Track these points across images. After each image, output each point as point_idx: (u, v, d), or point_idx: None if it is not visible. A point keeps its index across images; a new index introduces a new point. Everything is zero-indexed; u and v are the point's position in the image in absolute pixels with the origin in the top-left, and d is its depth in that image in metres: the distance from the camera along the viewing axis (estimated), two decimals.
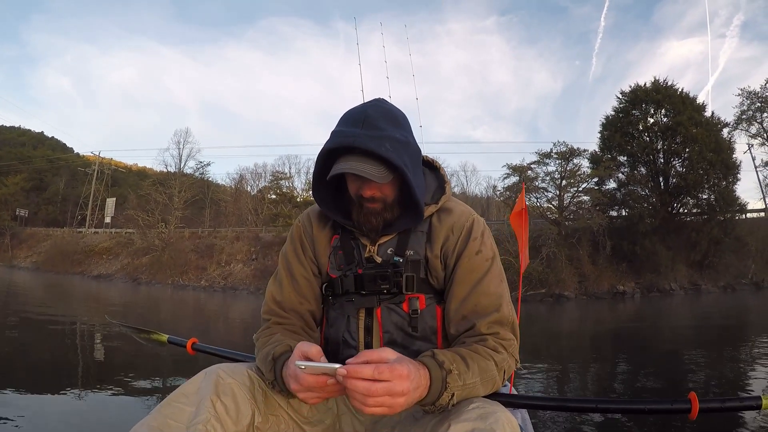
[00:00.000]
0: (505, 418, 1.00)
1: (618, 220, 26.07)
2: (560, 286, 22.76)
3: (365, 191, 1.25)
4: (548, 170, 26.80)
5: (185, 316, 15.75)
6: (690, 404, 1.15)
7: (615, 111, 28.05)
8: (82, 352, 7.63)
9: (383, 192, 1.26)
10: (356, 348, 1.33)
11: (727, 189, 25.73)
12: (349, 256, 1.35)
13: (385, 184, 1.24)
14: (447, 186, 1.41)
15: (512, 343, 1.23)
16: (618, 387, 6.21)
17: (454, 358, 1.09)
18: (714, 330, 11.76)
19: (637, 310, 18.10)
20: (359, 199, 1.28)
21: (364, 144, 1.16)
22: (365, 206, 1.27)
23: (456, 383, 1.05)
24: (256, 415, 1.17)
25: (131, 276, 32.30)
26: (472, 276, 1.27)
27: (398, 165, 1.17)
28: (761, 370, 6.65)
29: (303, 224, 1.47)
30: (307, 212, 1.50)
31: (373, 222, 1.28)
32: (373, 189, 1.25)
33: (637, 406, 1.26)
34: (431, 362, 1.05)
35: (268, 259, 30.01)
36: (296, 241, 1.46)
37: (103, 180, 50.68)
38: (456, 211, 1.36)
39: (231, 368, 1.21)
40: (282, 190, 38.06)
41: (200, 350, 1.88)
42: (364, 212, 1.28)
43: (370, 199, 1.26)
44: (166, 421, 1.07)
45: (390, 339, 1.29)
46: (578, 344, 10.42)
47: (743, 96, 31.32)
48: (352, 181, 1.28)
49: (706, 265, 24.60)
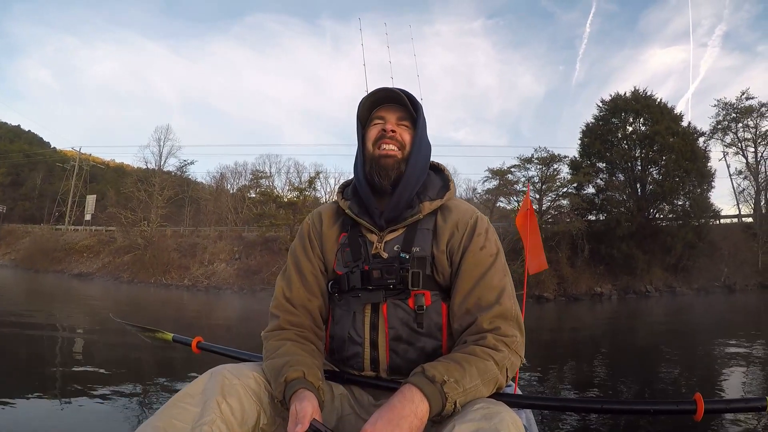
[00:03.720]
0: (510, 418, 1.01)
1: (596, 225, 26.78)
2: (540, 288, 23.22)
3: (388, 125, 1.38)
4: (529, 175, 27.45)
5: (185, 315, 15.58)
6: (695, 405, 1.14)
7: (595, 119, 28.85)
8: (82, 352, 7.62)
9: (402, 137, 1.39)
10: (361, 345, 1.34)
11: (702, 196, 26.74)
12: (356, 253, 1.38)
13: (406, 127, 1.40)
14: (452, 184, 1.46)
15: (515, 339, 1.23)
16: (588, 386, 6.46)
17: (447, 368, 1.10)
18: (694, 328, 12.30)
19: (614, 311, 18.71)
20: (379, 141, 1.39)
21: (397, 91, 1.38)
22: (383, 150, 1.37)
23: (455, 391, 1.06)
24: (261, 417, 1.18)
25: (113, 275, 31.69)
26: (476, 271, 1.30)
27: (419, 106, 1.41)
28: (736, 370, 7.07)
29: (313, 222, 1.51)
30: (318, 210, 1.54)
31: (386, 167, 1.36)
32: (397, 127, 1.40)
33: (642, 407, 1.25)
34: (421, 380, 1.06)
35: (252, 258, 29.90)
36: (305, 238, 1.49)
37: (82, 176, 49.66)
38: (460, 208, 1.41)
39: (237, 369, 1.22)
40: (262, 189, 37.87)
41: (205, 349, 1.86)
42: (381, 157, 1.37)
43: (390, 138, 1.37)
44: (171, 422, 1.07)
45: (395, 335, 1.31)
46: (558, 342, 10.70)
47: (719, 107, 32.50)
48: (375, 126, 1.41)
49: (680, 269, 25.43)
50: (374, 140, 1.40)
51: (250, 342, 9.24)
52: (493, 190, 27.59)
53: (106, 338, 8.88)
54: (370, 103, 1.42)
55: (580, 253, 25.03)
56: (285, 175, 40.48)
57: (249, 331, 10.88)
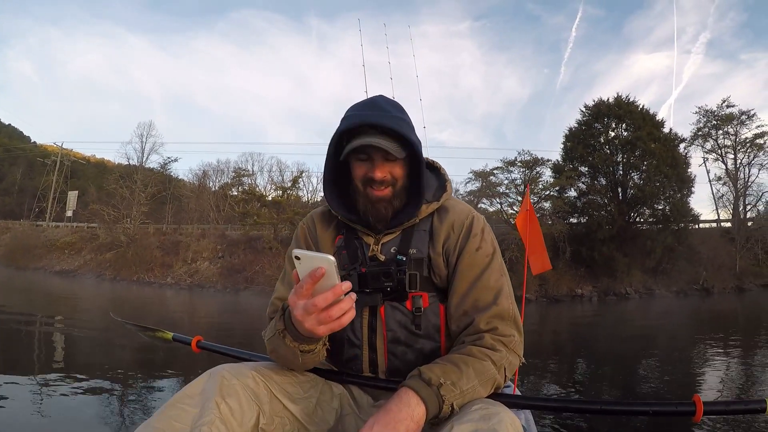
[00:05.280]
0: (508, 419, 1.01)
1: (578, 227, 27.28)
2: (521, 289, 23.32)
3: (377, 172, 1.26)
4: (512, 177, 27.79)
5: (181, 315, 15.47)
6: (694, 407, 1.14)
7: (578, 123, 29.25)
8: (85, 353, 7.55)
9: (394, 174, 1.29)
10: (360, 347, 1.33)
11: (682, 201, 27.30)
12: (353, 256, 1.36)
13: (397, 164, 1.28)
14: (448, 185, 1.44)
15: (513, 339, 1.22)
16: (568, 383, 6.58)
17: (443, 370, 1.10)
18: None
19: (594, 312, 19.08)
20: (367, 185, 1.29)
21: (381, 120, 1.22)
22: (373, 194, 1.29)
23: (452, 393, 1.06)
24: (260, 417, 1.17)
25: (95, 272, 31.22)
26: (472, 272, 1.29)
27: (413, 140, 1.26)
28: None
29: (307, 225, 1.49)
30: (311, 214, 1.52)
31: (381, 211, 1.30)
32: (385, 170, 1.27)
33: (641, 408, 1.24)
34: (417, 383, 1.06)
35: (235, 257, 29.71)
36: (301, 241, 1.47)
37: (63, 172, 48.93)
38: (456, 209, 1.39)
39: (235, 369, 1.21)
40: (244, 187, 37.71)
41: (205, 348, 1.84)
42: (372, 201, 1.30)
43: (380, 183, 1.27)
44: (170, 423, 1.06)
45: (393, 337, 1.30)
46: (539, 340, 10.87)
47: (700, 114, 33.25)
48: (360, 166, 1.29)
49: (660, 271, 25.93)
50: (362, 180, 1.31)
51: (231, 339, 9.28)
52: (475, 191, 27.81)
53: (105, 337, 8.80)
54: (353, 129, 1.27)
55: (561, 255, 25.35)
56: (267, 174, 40.42)
57: (230, 327, 10.98)
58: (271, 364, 1.30)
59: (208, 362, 1.26)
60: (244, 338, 9.63)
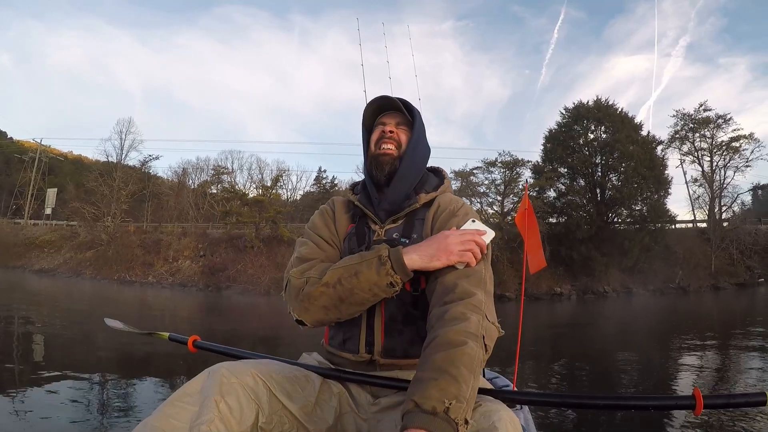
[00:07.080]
0: (508, 416, 1.00)
1: (557, 227, 27.76)
2: (502, 287, 23.77)
3: (388, 127, 1.53)
4: (492, 177, 28.15)
5: (182, 314, 15.52)
6: (694, 400, 1.13)
7: (558, 125, 29.82)
8: (83, 353, 7.51)
9: (400, 137, 1.53)
10: (358, 326, 1.38)
11: (659, 202, 28.02)
12: (361, 239, 1.46)
13: (403, 129, 1.55)
14: (446, 181, 1.60)
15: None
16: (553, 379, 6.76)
17: (439, 387, 1.00)
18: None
19: (574, 310, 19.55)
20: (380, 141, 1.53)
21: (396, 100, 1.54)
22: (382, 146, 1.51)
23: (460, 409, 0.98)
24: (259, 415, 1.17)
25: (74, 271, 30.79)
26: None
27: (415, 113, 1.56)
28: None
29: (330, 206, 1.62)
30: (333, 199, 1.65)
31: (384, 166, 1.49)
32: (396, 129, 1.54)
33: (640, 403, 1.22)
34: (423, 419, 0.96)
35: (217, 256, 29.59)
36: (325, 214, 1.59)
37: (41, 168, 48.09)
38: (447, 198, 1.51)
39: (235, 367, 1.20)
40: (224, 185, 37.55)
41: (201, 348, 1.81)
42: (379, 156, 1.51)
43: (389, 138, 1.51)
44: (169, 421, 1.06)
45: (391, 316, 1.35)
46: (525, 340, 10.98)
47: (678, 117, 34.07)
48: (378, 130, 1.56)
49: (637, 271, 26.58)
50: (376, 141, 1.53)
51: (217, 336, 9.30)
52: (455, 191, 28.05)
53: (103, 337, 8.65)
54: (373, 111, 1.58)
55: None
56: (247, 172, 40.22)
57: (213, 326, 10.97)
58: (270, 363, 1.32)
59: (206, 362, 1.27)
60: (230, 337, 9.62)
